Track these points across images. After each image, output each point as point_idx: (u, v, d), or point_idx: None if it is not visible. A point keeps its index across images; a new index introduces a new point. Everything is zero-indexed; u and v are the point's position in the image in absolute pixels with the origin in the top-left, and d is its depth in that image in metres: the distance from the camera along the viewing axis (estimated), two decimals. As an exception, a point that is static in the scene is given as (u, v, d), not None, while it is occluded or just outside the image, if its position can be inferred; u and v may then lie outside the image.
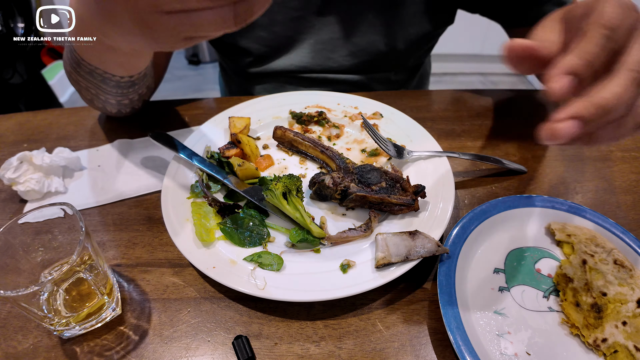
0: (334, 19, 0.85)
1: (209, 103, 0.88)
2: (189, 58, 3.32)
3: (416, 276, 0.56)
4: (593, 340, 0.47)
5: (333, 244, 0.56)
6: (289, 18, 0.84)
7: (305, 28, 0.86)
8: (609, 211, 0.65)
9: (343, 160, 0.65)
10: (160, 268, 0.57)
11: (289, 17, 0.84)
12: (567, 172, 0.72)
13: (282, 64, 0.90)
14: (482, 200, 0.66)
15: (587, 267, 0.53)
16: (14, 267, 0.47)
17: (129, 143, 0.78)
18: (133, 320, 0.51)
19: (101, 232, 0.62)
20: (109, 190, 0.68)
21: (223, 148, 0.70)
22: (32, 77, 1.90)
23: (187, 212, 0.59)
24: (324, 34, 0.86)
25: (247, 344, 0.48)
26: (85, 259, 0.45)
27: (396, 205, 0.58)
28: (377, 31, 0.86)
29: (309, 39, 0.87)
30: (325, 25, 0.85)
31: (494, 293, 0.52)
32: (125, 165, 0.73)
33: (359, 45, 0.87)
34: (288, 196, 0.59)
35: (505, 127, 0.82)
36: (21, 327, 0.51)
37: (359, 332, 0.50)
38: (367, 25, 0.85)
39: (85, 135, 0.80)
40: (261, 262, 0.53)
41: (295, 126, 0.78)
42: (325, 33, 0.86)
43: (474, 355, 0.44)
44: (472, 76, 3.17)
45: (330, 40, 0.87)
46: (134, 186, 0.69)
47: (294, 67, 0.90)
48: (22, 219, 0.47)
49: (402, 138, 0.73)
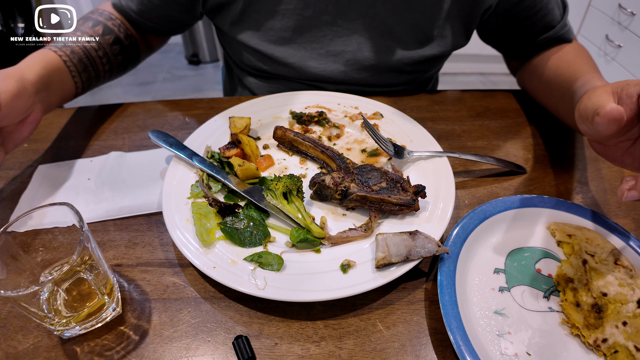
0: (348, 31, 0.84)
1: (209, 103, 0.88)
2: (189, 58, 3.31)
3: (416, 276, 0.56)
4: (593, 341, 0.47)
5: (333, 244, 0.56)
6: (301, 26, 0.83)
7: (316, 37, 0.84)
8: (609, 211, 0.65)
9: (343, 161, 0.65)
10: (160, 268, 0.57)
11: (300, 25, 0.83)
12: (567, 172, 0.72)
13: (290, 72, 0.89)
14: (482, 200, 0.66)
15: (588, 268, 0.53)
16: (15, 267, 0.47)
17: (123, 156, 0.74)
18: (133, 320, 0.51)
19: (101, 232, 0.62)
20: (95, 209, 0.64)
21: (223, 148, 0.70)
22: (32, 77, 1.90)
23: (187, 212, 0.59)
24: (336, 45, 0.85)
25: (247, 344, 0.48)
26: (85, 259, 0.45)
27: (396, 205, 0.58)
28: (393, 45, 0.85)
29: (320, 49, 0.86)
30: (337, 37, 0.84)
31: (494, 293, 0.52)
32: (115, 183, 0.68)
33: (370, 60, 0.86)
34: (289, 196, 0.59)
35: (505, 127, 0.82)
36: (21, 327, 0.51)
37: (359, 332, 0.50)
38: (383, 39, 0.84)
39: (86, 135, 0.80)
40: (261, 262, 0.53)
41: (296, 126, 0.78)
42: (337, 44, 0.85)
43: (474, 356, 0.44)
44: (472, 76, 3.17)
45: (342, 52, 0.85)
46: (117, 207, 0.64)
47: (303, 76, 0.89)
48: (22, 219, 0.47)
49: (402, 138, 0.73)
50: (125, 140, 0.79)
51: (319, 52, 0.86)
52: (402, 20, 0.81)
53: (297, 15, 0.82)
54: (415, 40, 0.84)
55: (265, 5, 0.81)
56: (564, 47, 0.84)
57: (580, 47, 0.85)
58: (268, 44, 0.85)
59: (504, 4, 0.82)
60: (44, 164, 0.72)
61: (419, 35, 0.84)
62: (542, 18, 0.83)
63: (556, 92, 0.77)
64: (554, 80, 0.78)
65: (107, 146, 0.78)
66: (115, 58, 0.85)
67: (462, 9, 0.82)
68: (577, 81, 0.70)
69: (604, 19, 2.29)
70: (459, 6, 0.81)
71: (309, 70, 0.87)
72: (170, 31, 0.95)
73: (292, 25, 0.83)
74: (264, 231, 0.58)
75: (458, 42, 0.88)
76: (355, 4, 0.80)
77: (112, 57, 0.84)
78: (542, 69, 0.83)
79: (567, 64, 0.78)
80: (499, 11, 0.84)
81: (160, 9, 0.86)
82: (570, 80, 0.72)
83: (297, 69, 0.87)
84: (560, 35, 0.85)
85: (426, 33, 0.84)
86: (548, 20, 0.84)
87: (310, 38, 0.84)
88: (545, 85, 0.82)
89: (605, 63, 2.31)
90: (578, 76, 0.70)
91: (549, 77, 0.80)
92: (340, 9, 0.81)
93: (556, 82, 0.77)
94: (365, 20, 0.82)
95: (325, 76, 0.88)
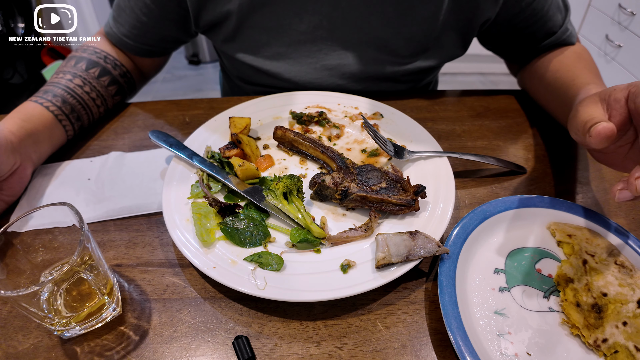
0: (343, 45, 0.83)
1: (209, 103, 0.88)
2: (189, 58, 3.31)
3: (416, 276, 0.56)
4: (593, 341, 0.47)
5: (333, 244, 0.56)
6: (296, 41, 0.82)
7: (311, 52, 0.83)
8: (609, 211, 0.65)
9: (343, 161, 0.65)
10: (160, 268, 0.57)
11: (295, 40, 0.82)
12: (568, 172, 0.72)
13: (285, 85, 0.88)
14: (482, 200, 0.66)
15: (588, 268, 0.53)
16: (15, 267, 0.47)
17: (123, 156, 0.74)
18: (133, 320, 0.51)
19: (101, 232, 0.62)
20: (95, 209, 0.64)
21: (223, 148, 0.70)
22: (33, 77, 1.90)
23: (188, 212, 0.59)
24: (332, 59, 0.84)
25: (247, 344, 0.48)
26: (85, 259, 0.45)
27: (396, 206, 0.58)
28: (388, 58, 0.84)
29: (315, 64, 0.85)
30: (333, 51, 0.83)
31: (494, 293, 0.52)
32: (116, 183, 0.68)
33: (369, 72, 0.85)
34: (289, 196, 0.59)
35: (505, 127, 0.82)
36: (21, 327, 0.51)
37: (360, 332, 0.50)
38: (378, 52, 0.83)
39: (86, 135, 0.80)
40: (261, 262, 0.53)
41: (296, 126, 0.78)
42: (332, 59, 0.84)
43: (474, 356, 0.44)
44: (472, 76, 3.17)
45: (338, 66, 0.85)
46: (117, 207, 0.64)
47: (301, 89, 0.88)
48: (22, 219, 0.47)
49: (402, 138, 0.73)
50: (125, 140, 0.79)
51: (315, 67, 0.85)
52: (397, 33, 0.80)
53: (292, 30, 0.80)
54: (411, 53, 0.83)
55: (259, 22, 0.79)
56: (565, 49, 0.83)
57: (582, 49, 0.85)
58: (263, 60, 0.84)
59: (503, 14, 0.81)
60: (44, 164, 0.72)
61: (415, 47, 0.83)
62: (542, 25, 0.82)
63: (555, 97, 0.76)
64: (553, 84, 0.77)
65: (107, 146, 0.78)
66: (112, 99, 0.85)
67: (459, 20, 0.80)
68: (574, 87, 0.70)
69: (604, 19, 2.29)
70: (456, 18, 0.80)
71: (305, 85, 0.86)
72: (165, 51, 0.93)
73: (287, 41, 0.82)
74: (264, 231, 0.58)
75: (455, 52, 0.87)
76: (349, 19, 0.79)
77: (109, 98, 0.83)
78: (542, 71, 0.83)
79: (567, 67, 0.77)
80: (498, 21, 0.83)
81: (154, 30, 0.84)
82: (568, 85, 0.72)
83: (293, 84, 0.87)
84: (562, 40, 0.84)
85: (422, 45, 0.83)
86: (549, 27, 0.83)
87: (305, 53, 0.83)
88: (544, 89, 0.81)
89: (605, 63, 2.31)
90: (576, 82, 0.70)
91: (548, 80, 0.80)
92: (334, 23, 0.79)
93: (555, 86, 0.77)
94: (360, 34, 0.81)
95: (322, 89, 0.87)
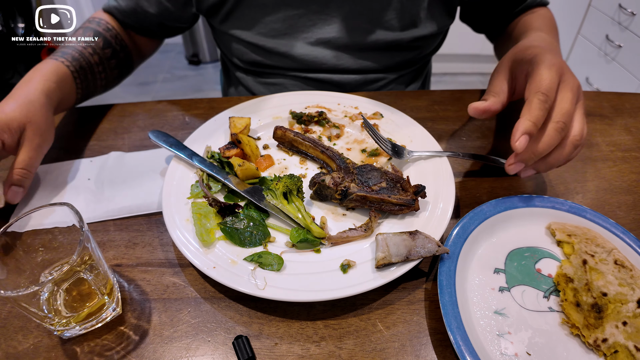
0: (336, 18, 0.85)
1: (209, 103, 0.88)
2: (189, 58, 3.31)
3: (416, 276, 0.56)
4: (593, 341, 0.47)
5: (333, 244, 0.56)
6: (290, 16, 0.84)
7: (305, 27, 0.86)
8: (609, 211, 0.65)
9: (343, 161, 0.65)
10: (160, 268, 0.57)
11: (290, 15, 0.84)
12: (567, 172, 0.72)
13: (283, 63, 0.90)
14: (482, 200, 0.66)
15: (588, 267, 0.53)
16: (15, 267, 0.47)
17: (123, 156, 0.74)
18: (133, 320, 0.51)
19: (101, 232, 0.62)
20: (95, 209, 0.64)
21: (223, 148, 0.70)
22: (32, 77, 1.90)
23: (187, 212, 0.59)
24: (326, 33, 0.86)
25: (247, 344, 0.48)
26: (85, 259, 0.45)
27: (396, 205, 0.58)
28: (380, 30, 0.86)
29: (310, 38, 0.87)
30: (327, 25, 0.86)
31: (494, 293, 0.52)
32: (116, 183, 0.68)
33: (363, 44, 0.87)
34: (289, 196, 0.59)
35: (505, 127, 0.82)
36: (21, 327, 0.51)
37: (359, 332, 0.50)
38: (371, 24, 0.85)
39: (86, 135, 0.80)
40: (261, 262, 0.53)
41: (296, 126, 0.78)
42: (327, 32, 0.86)
43: (474, 356, 0.44)
44: (472, 76, 3.17)
45: (333, 39, 0.87)
46: (117, 207, 0.64)
47: (296, 65, 0.90)
48: (22, 219, 0.47)
49: (402, 138, 0.73)
50: (125, 140, 0.79)
51: (310, 41, 0.88)
52: (388, 5, 0.84)
53: (286, 6, 0.83)
54: (402, 24, 0.86)
55: (255, 0, 0.83)
56: (533, 11, 0.89)
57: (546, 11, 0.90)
58: (260, 37, 0.87)
59: None
60: (44, 164, 0.72)
61: (406, 19, 0.86)
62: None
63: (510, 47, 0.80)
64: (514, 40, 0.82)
65: (107, 146, 0.78)
66: (112, 71, 0.86)
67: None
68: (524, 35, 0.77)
69: (604, 19, 2.29)
70: None
71: (302, 58, 0.89)
72: (164, 34, 0.97)
73: (282, 17, 0.85)
74: (264, 231, 0.58)
75: (444, 22, 0.91)
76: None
77: (109, 70, 0.85)
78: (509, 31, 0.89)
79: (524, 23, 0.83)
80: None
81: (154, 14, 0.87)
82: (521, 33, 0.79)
83: (290, 58, 0.89)
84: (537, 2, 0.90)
85: (412, 16, 0.86)
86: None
87: (300, 28, 0.86)
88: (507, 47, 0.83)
89: (605, 63, 2.31)
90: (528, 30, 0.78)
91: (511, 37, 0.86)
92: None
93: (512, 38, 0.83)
94: (352, 6, 0.84)
95: (318, 62, 0.89)
